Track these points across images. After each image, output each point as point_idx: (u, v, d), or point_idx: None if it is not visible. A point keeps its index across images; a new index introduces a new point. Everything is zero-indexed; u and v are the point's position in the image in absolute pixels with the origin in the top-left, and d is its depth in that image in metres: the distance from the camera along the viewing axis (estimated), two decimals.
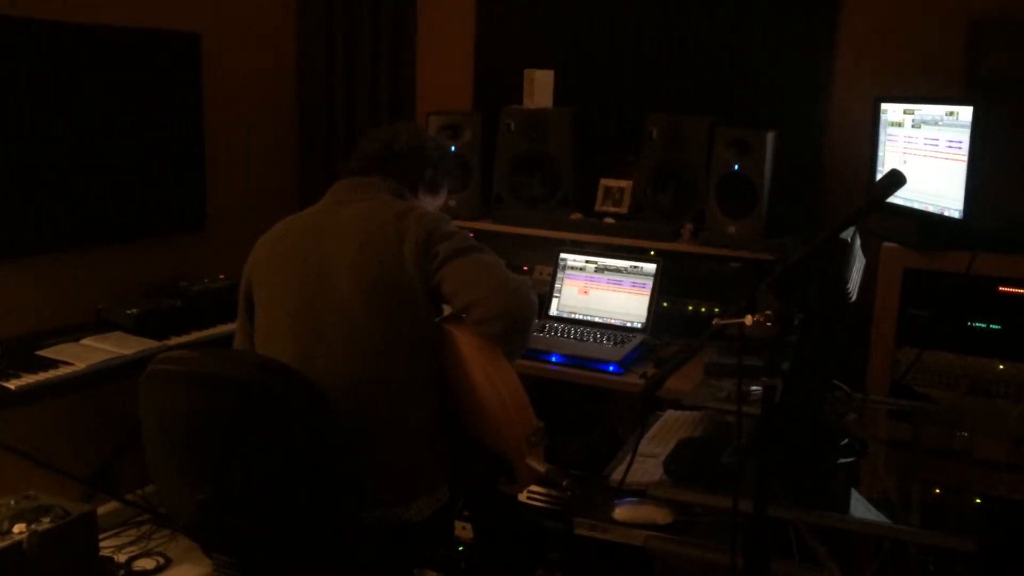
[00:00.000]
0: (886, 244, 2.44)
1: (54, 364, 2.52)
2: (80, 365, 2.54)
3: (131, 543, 3.11)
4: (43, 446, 2.84)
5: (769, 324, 1.32)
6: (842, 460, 1.84)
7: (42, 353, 2.59)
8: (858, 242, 1.83)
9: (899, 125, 2.47)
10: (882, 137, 2.55)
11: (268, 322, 2.07)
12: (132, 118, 3.08)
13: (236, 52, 3.49)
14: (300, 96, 3.76)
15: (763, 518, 1.46)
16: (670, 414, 2.25)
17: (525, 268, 3.19)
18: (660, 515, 1.73)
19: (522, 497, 2.99)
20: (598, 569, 2.53)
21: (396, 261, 1.98)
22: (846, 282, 1.57)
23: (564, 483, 1.63)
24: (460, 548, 2.86)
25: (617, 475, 1.89)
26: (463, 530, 2.88)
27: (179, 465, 1.87)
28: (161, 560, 3.02)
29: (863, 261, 1.88)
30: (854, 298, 1.64)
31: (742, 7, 3.08)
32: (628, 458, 1.88)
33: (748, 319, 1.35)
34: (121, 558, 3.01)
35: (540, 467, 1.67)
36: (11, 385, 2.37)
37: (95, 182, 2.99)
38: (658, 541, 1.68)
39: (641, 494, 1.83)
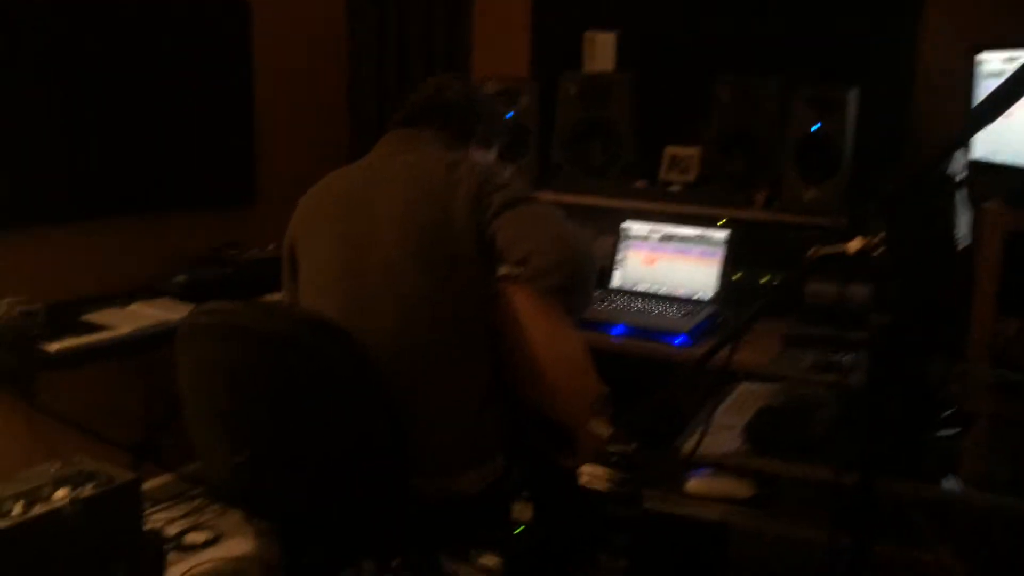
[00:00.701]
0: (987, 204, 2.22)
1: (97, 328, 2.45)
2: (124, 329, 2.46)
3: (182, 517, 3.05)
4: (90, 415, 2.77)
5: (878, 250, 1.14)
6: (945, 432, 1.65)
7: (86, 318, 2.52)
8: (964, 191, 1.65)
9: (999, 76, 2.25)
10: (979, 91, 2.34)
11: (311, 279, 1.95)
12: (182, 87, 3.02)
13: (285, 19, 3.39)
14: (351, 64, 3.64)
15: (869, 490, 1.28)
16: (745, 387, 2.08)
17: None
18: (739, 487, 1.56)
19: (584, 482, 2.84)
20: (665, 551, 2.37)
21: (447, 213, 1.84)
22: (954, 224, 1.38)
23: (631, 448, 1.47)
24: (518, 530, 2.73)
25: (689, 446, 1.74)
26: (522, 512, 2.74)
27: (216, 425, 1.76)
28: (211, 534, 2.95)
29: (971, 213, 1.70)
30: (963, 245, 1.46)
31: None
32: (700, 429, 1.72)
33: (853, 244, 1.18)
34: (171, 531, 2.94)
35: (603, 431, 1.52)
36: (51, 348, 2.30)
37: (145, 150, 2.94)
38: (740, 516, 1.51)
39: (716, 466, 1.66)
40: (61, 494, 2.23)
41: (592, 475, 2.39)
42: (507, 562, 2.73)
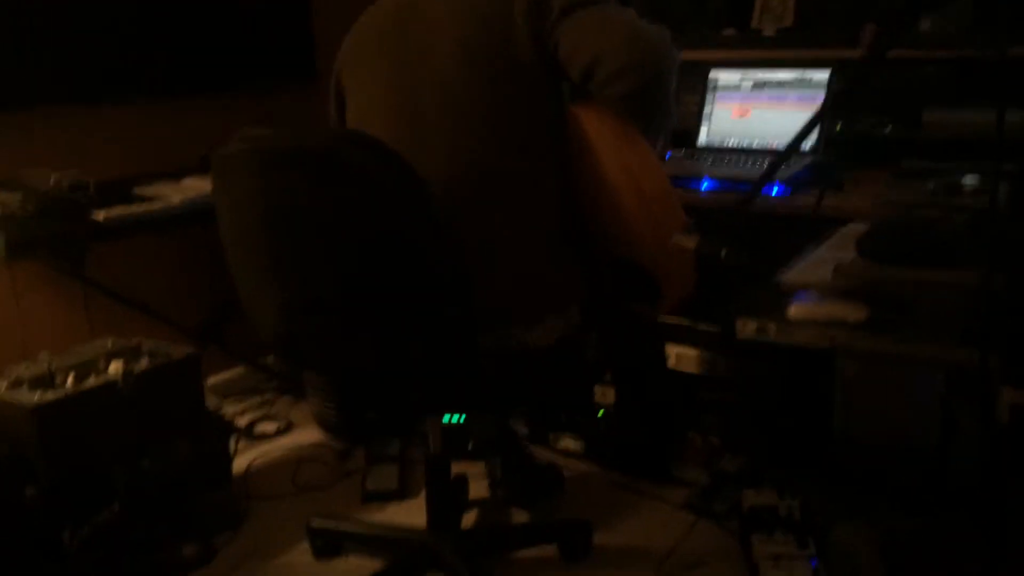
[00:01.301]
0: None
1: (148, 199, 2.32)
2: (175, 199, 2.32)
3: (253, 408, 2.97)
4: (151, 296, 2.69)
5: None
6: None
7: (138, 191, 2.39)
8: None
9: None
10: None
11: (360, 109, 1.76)
12: None
13: None
14: None
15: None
16: (852, 227, 1.81)
17: None
18: (851, 311, 1.31)
19: (670, 363, 2.64)
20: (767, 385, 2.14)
21: (503, 23, 1.61)
22: None
23: (723, 254, 1.24)
24: (600, 413, 2.54)
25: (792, 275, 1.49)
26: (604, 395, 2.55)
27: (259, 263, 1.59)
28: (283, 424, 2.85)
29: None
30: None
31: None
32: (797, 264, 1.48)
33: None
34: (242, 422, 2.85)
35: (688, 242, 1.30)
36: (100, 216, 2.17)
37: (197, 27, 2.79)
38: (854, 339, 1.27)
39: (825, 289, 1.41)
40: (115, 367, 2.13)
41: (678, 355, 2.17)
42: (588, 446, 2.56)
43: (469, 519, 2.27)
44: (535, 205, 1.67)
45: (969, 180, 1.67)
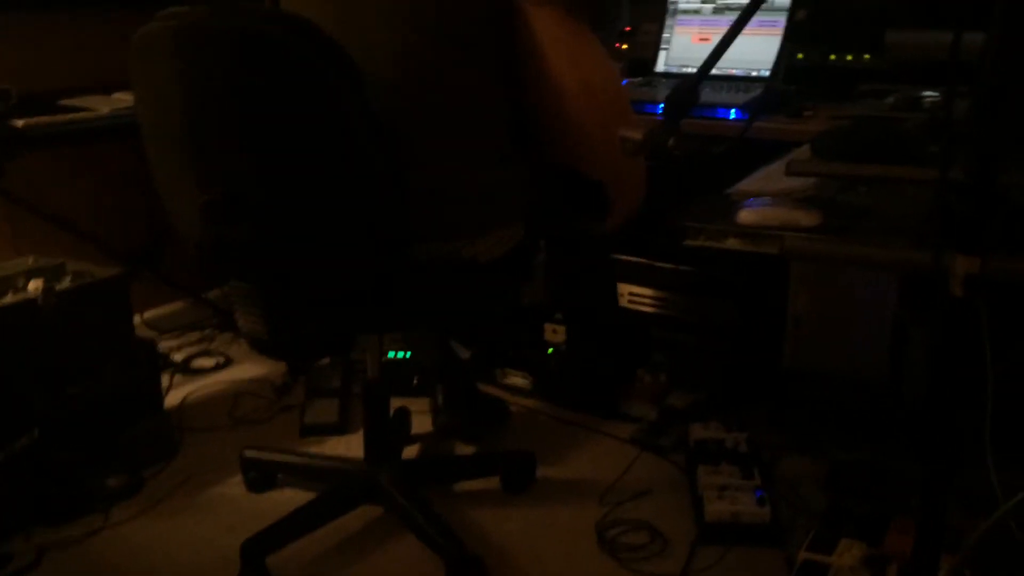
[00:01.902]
0: None
1: (74, 109, 2.18)
2: (104, 110, 2.19)
3: (192, 344, 2.86)
4: (83, 218, 2.55)
5: None
6: None
7: (65, 102, 2.25)
8: None
9: None
10: None
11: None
12: None
13: None
14: None
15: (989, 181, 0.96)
16: (806, 147, 1.74)
17: (627, 28, 2.66)
18: (804, 216, 1.24)
19: (622, 302, 2.58)
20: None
21: None
22: None
23: (670, 143, 1.16)
24: (550, 351, 2.47)
25: (742, 186, 1.42)
26: (553, 333, 2.49)
27: (178, 158, 1.48)
28: (221, 360, 2.74)
29: None
30: None
31: None
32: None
33: None
34: (179, 357, 2.74)
35: (636, 133, 1.22)
36: (19, 123, 2.03)
37: None
38: (804, 242, 1.20)
39: (776, 196, 1.34)
40: (35, 285, 2.01)
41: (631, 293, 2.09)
42: (536, 382, 2.49)
43: (411, 452, 2.20)
44: (478, 111, 1.58)
45: (929, 94, 1.61)
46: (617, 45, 2.62)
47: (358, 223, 1.48)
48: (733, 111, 2.11)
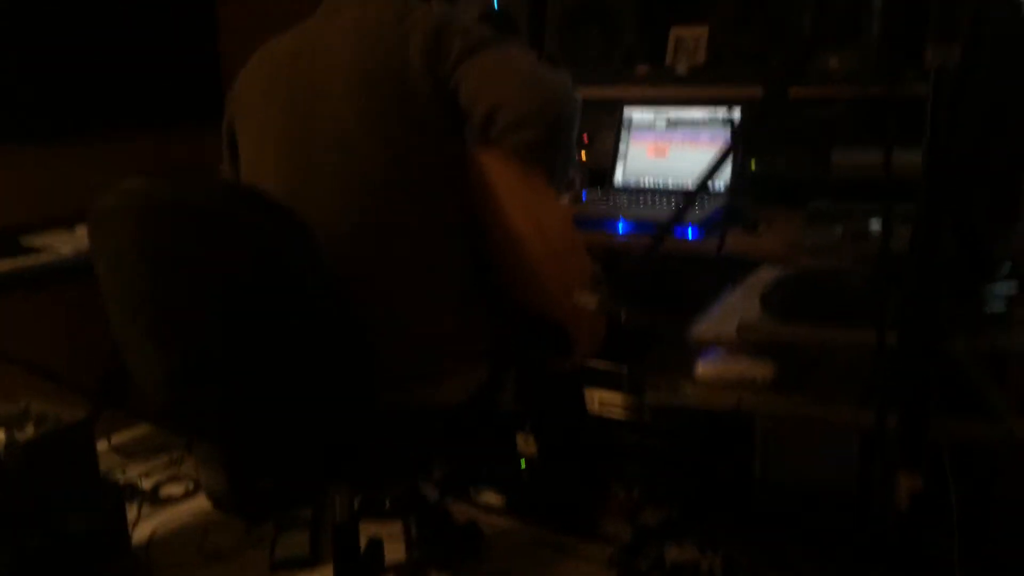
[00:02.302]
0: None
1: (36, 250, 2.18)
2: (65, 250, 2.19)
3: (160, 469, 2.82)
4: (44, 355, 2.53)
5: None
6: (1001, 290, 1.33)
7: (26, 241, 2.25)
8: None
9: None
10: None
11: (252, 158, 1.67)
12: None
13: None
14: None
15: (924, 350, 0.99)
16: (765, 269, 1.78)
17: (584, 138, 2.71)
18: (758, 369, 1.26)
19: (592, 408, 2.58)
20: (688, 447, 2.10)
21: (400, 68, 1.54)
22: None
23: (622, 315, 1.18)
24: (522, 464, 2.46)
25: (700, 329, 1.44)
26: (525, 443, 2.48)
27: (140, 327, 1.48)
28: (190, 486, 2.70)
29: None
30: None
31: None
32: (707, 313, 1.43)
33: None
34: (147, 485, 2.70)
35: (591, 300, 1.23)
36: None
37: (98, 64, 2.67)
38: (758, 400, 1.21)
39: (731, 346, 1.36)
40: None
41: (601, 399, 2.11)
42: (510, 499, 2.47)
43: None
44: (436, 258, 1.59)
45: (875, 226, 1.65)
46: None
47: (321, 380, 1.48)
48: (690, 229, 2.14)
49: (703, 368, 1.30)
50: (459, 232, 1.62)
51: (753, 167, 2.42)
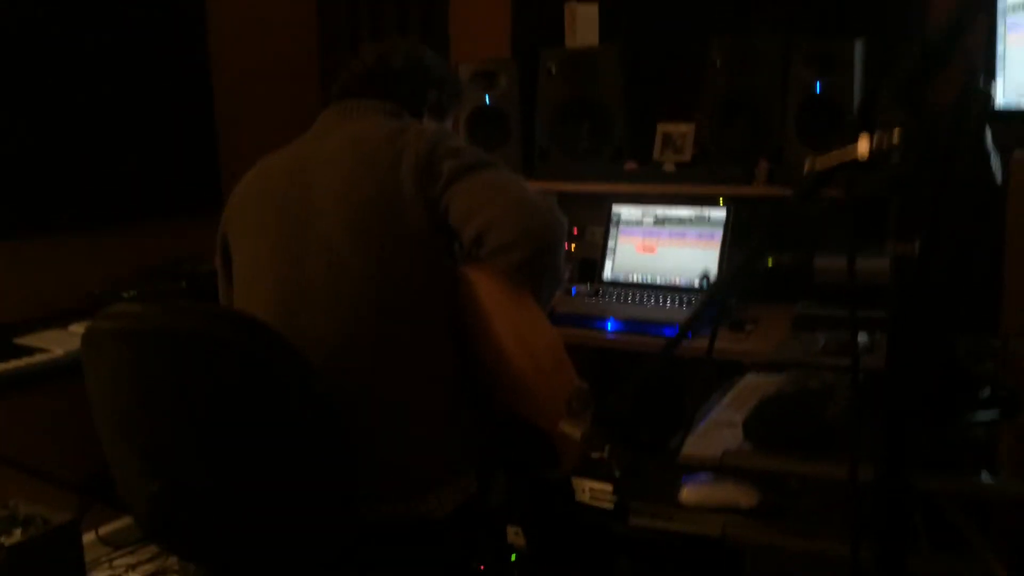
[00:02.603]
0: (1017, 153, 1.93)
1: (29, 351, 2.20)
2: (58, 351, 2.21)
3: (148, 560, 2.79)
4: (31, 452, 2.52)
5: (895, 153, 0.87)
6: (983, 416, 1.36)
7: (20, 340, 2.27)
8: (990, 133, 1.36)
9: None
10: (1000, 30, 2.05)
11: (246, 276, 1.69)
12: (131, 83, 2.76)
13: (247, 2, 3.14)
14: (321, 52, 3.38)
15: (895, 488, 1.01)
16: (750, 378, 1.80)
17: (575, 231, 2.76)
18: (742, 495, 1.28)
19: (582, 497, 2.58)
20: (673, 569, 2.09)
21: (392, 188, 1.58)
22: (987, 154, 1.10)
23: (604, 451, 1.19)
24: (513, 557, 2.45)
25: (686, 451, 1.45)
26: (516, 536, 2.47)
27: (130, 447, 1.50)
28: None
29: (998, 156, 1.41)
30: (999, 181, 1.17)
31: None
32: (694, 426, 1.45)
33: (861, 145, 0.90)
34: None
35: (575, 431, 1.25)
36: None
37: (91, 158, 2.69)
38: (742, 528, 1.23)
39: (716, 469, 1.38)
40: None
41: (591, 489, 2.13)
42: None
43: None
44: (426, 374, 1.62)
45: (859, 338, 1.68)
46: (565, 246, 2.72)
47: (309, 498, 1.49)
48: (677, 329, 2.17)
49: (688, 492, 1.32)
50: (448, 344, 1.64)
51: (770, 264, 2.45)
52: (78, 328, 2.38)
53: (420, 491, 1.62)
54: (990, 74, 2.06)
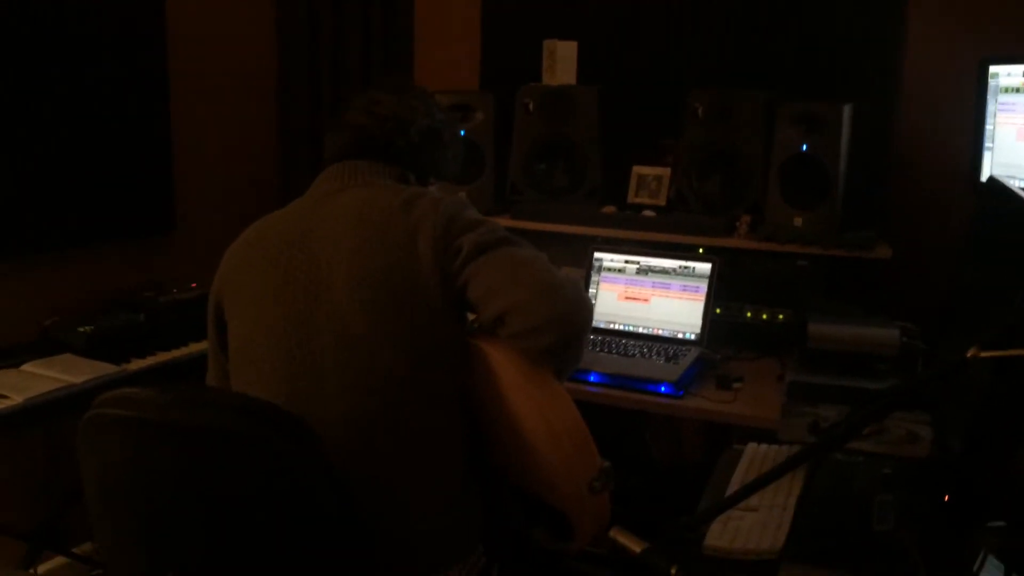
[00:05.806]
0: None
1: None
2: (17, 399, 2.06)
3: None
4: None
5: None
6: None
7: None
8: None
9: (1018, 91, 2.04)
10: (991, 108, 2.12)
11: (244, 350, 1.59)
12: (83, 101, 2.59)
13: (206, 20, 3.00)
14: (281, 73, 3.27)
15: None
16: (752, 449, 1.81)
17: None
18: None
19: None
20: None
21: (408, 262, 1.52)
22: None
23: (673, 571, 1.16)
24: None
25: (713, 541, 1.45)
26: None
27: (131, 537, 1.40)
28: None
29: None
30: None
31: None
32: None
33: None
34: None
35: (635, 546, 1.22)
36: None
37: (37, 179, 2.49)
38: None
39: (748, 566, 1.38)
40: None
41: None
42: None
43: None
44: (437, 454, 1.57)
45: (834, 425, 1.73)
46: None
47: None
48: (663, 386, 2.18)
49: None
50: (459, 422, 1.60)
51: (719, 312, 2.48)
52: (33, 368, 2.23)
53: (431, 571, 1.58)
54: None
